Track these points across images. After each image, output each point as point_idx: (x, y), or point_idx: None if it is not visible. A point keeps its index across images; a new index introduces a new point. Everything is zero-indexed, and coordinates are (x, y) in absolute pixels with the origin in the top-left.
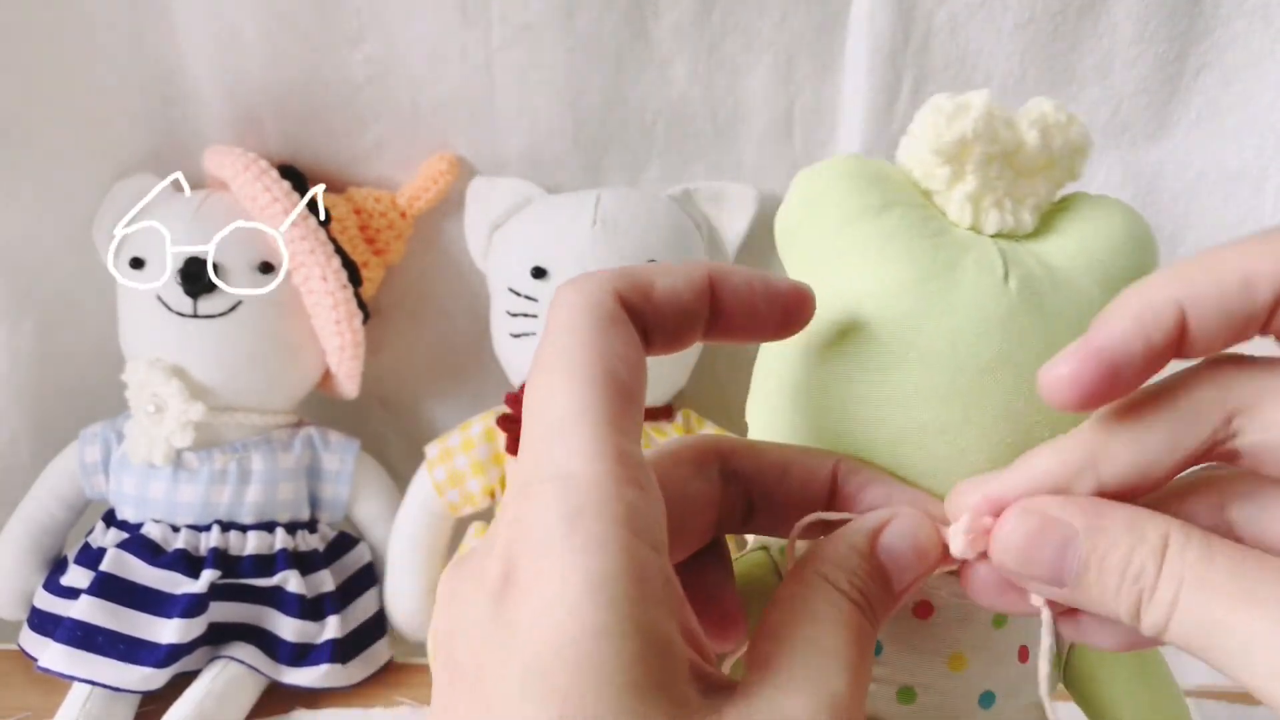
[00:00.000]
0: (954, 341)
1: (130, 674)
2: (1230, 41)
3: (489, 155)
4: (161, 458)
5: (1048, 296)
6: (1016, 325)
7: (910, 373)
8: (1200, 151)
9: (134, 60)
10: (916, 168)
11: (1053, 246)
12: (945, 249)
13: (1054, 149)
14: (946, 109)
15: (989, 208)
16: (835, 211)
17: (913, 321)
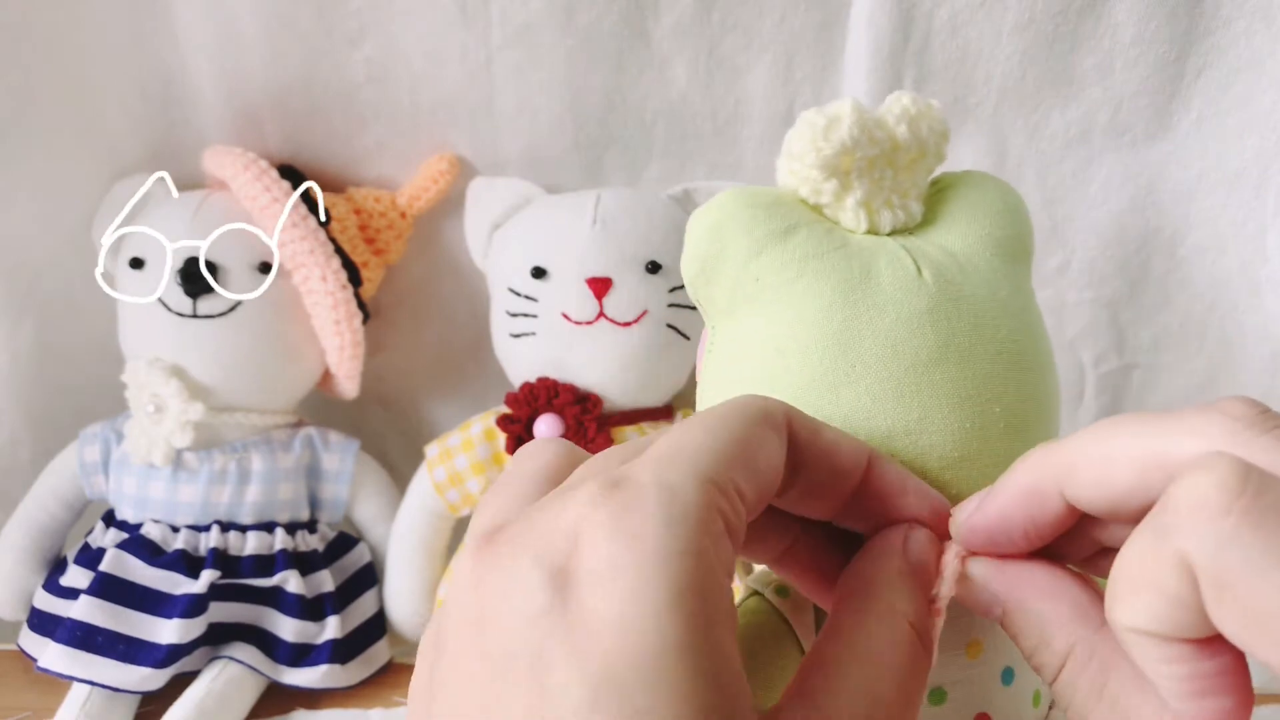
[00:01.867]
0: (892, 343)
1: (130, 674)
2: (1231, 42)
3: (489, 155)
4: (161, 458)
5: (959, 279)
6: (943, 314)
7: (859, 385)
8: (1201, 152)
9: (134, 60)
10: (802, 186)
11: (945, 231)
12: (856, 257)
13: (922, 138)
14: (820, 123)
15: (880, 209)
16: (744, 243)
17: (849, 334)
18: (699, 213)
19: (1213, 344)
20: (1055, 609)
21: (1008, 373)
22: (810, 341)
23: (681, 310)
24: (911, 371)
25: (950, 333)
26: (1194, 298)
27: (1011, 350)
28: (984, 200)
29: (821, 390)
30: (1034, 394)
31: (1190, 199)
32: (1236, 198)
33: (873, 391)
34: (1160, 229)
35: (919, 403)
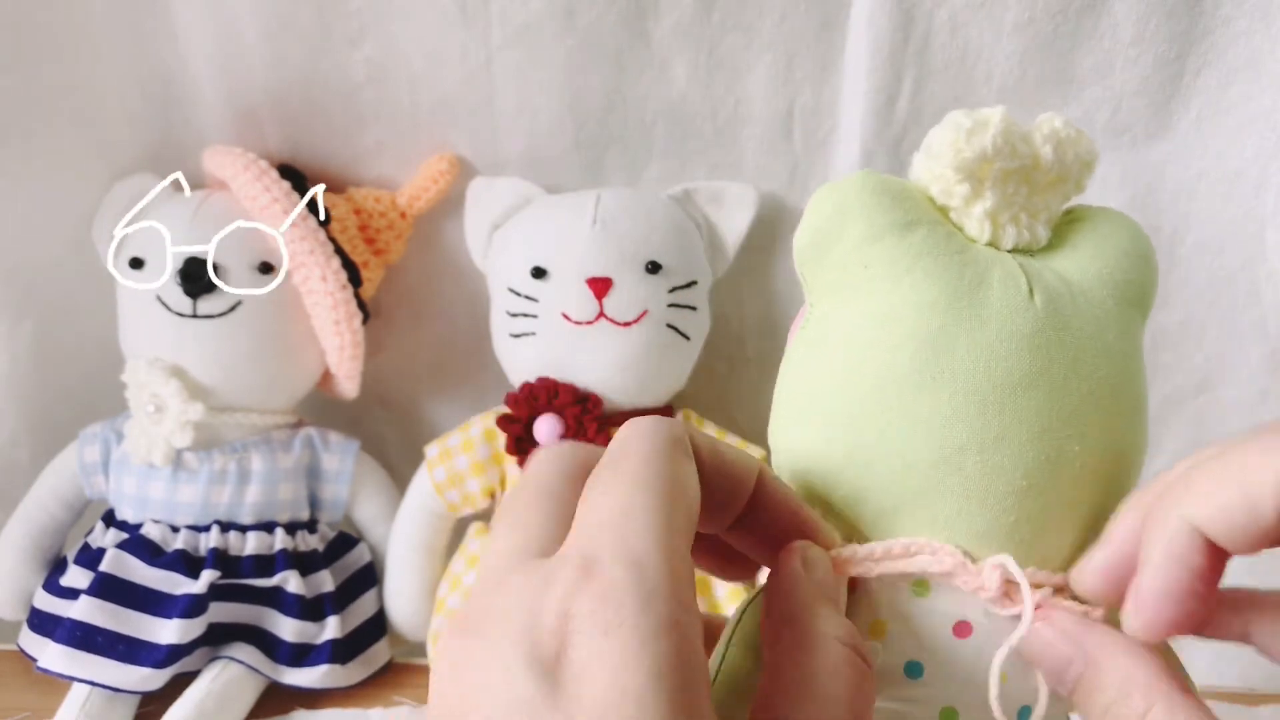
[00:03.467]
0: (987, 359)
1: (130, 674)
2: (1230, 41)
3: (489, 155)
4: (161, 458)
5: (1069, 310)
6: (1044, 340)
7: (944, 392)
8: (1200, 151)
9: (134, 61)
10: (934, 184)
11: (1067, 260)
12: (971, 266)
13: (1066, 163)
14: (966, 125)
15: (1006, 223)
16: (861, 227)
17: (945, 340)
18: (826, 187)
19: (1212, 342)
20: (1139, 667)
21: (1096, 415)
22: (903, 338)
23: (681, 310)
24: (999, 390)
25: (1048, 361)
26: (1194, 296)
27: (1105, 394)
28: (1113, 238)
29: (903, 390)
30: (1117, 443)
31: (1190, 198)
32: (1236, 197)
33: (955, 402)
34: (1160, 228)
35: (1000, 422)
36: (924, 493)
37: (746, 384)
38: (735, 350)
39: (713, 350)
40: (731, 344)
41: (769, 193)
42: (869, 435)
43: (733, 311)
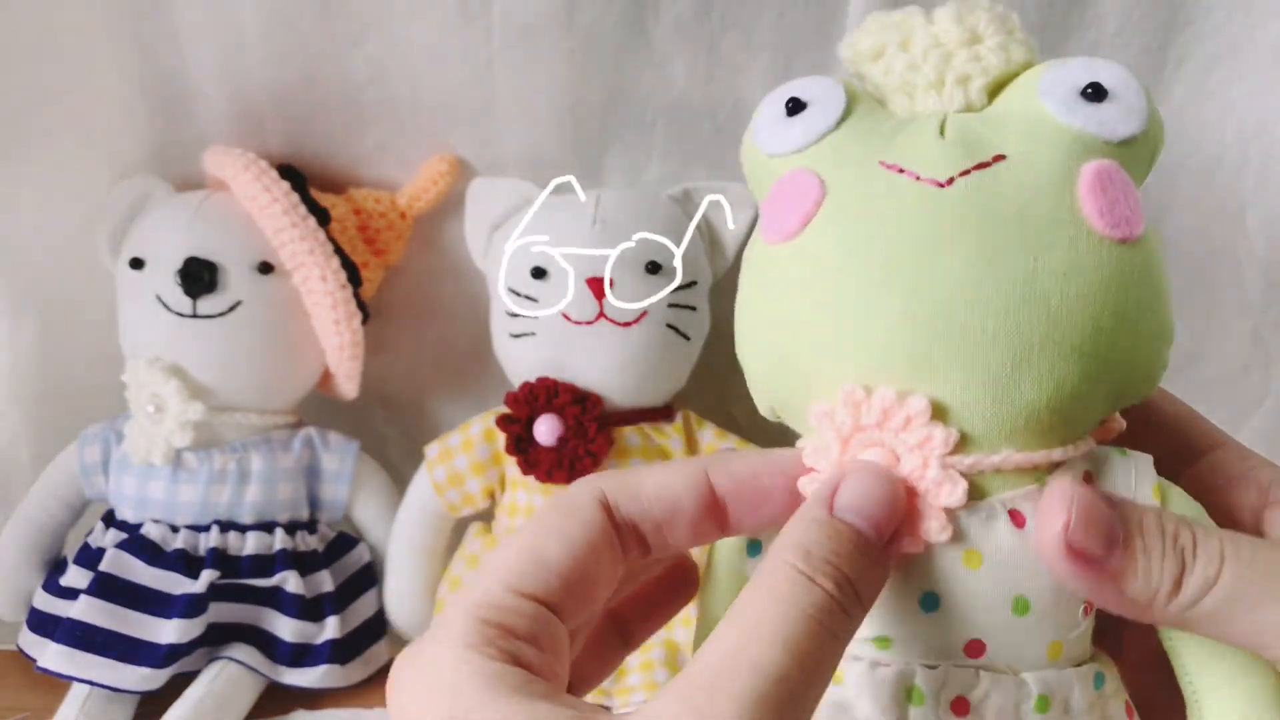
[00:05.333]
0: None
1: (129, 674)
2: (1211, 31)
3: (489, 155)
4: (161, 458)
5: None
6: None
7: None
8: (1182, 138)
9: (136, 61)
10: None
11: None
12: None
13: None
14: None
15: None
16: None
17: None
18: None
19: (1196, 321)
20: None
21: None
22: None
23: (681, 310)
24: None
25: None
26: (1177, 276)
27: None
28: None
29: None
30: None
31: (1173, 182)
32: (1217, 180)
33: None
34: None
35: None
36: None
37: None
38: (736, 350)
39: (713, 350)
40: (731, 344)
41: None
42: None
43: (733, 311)
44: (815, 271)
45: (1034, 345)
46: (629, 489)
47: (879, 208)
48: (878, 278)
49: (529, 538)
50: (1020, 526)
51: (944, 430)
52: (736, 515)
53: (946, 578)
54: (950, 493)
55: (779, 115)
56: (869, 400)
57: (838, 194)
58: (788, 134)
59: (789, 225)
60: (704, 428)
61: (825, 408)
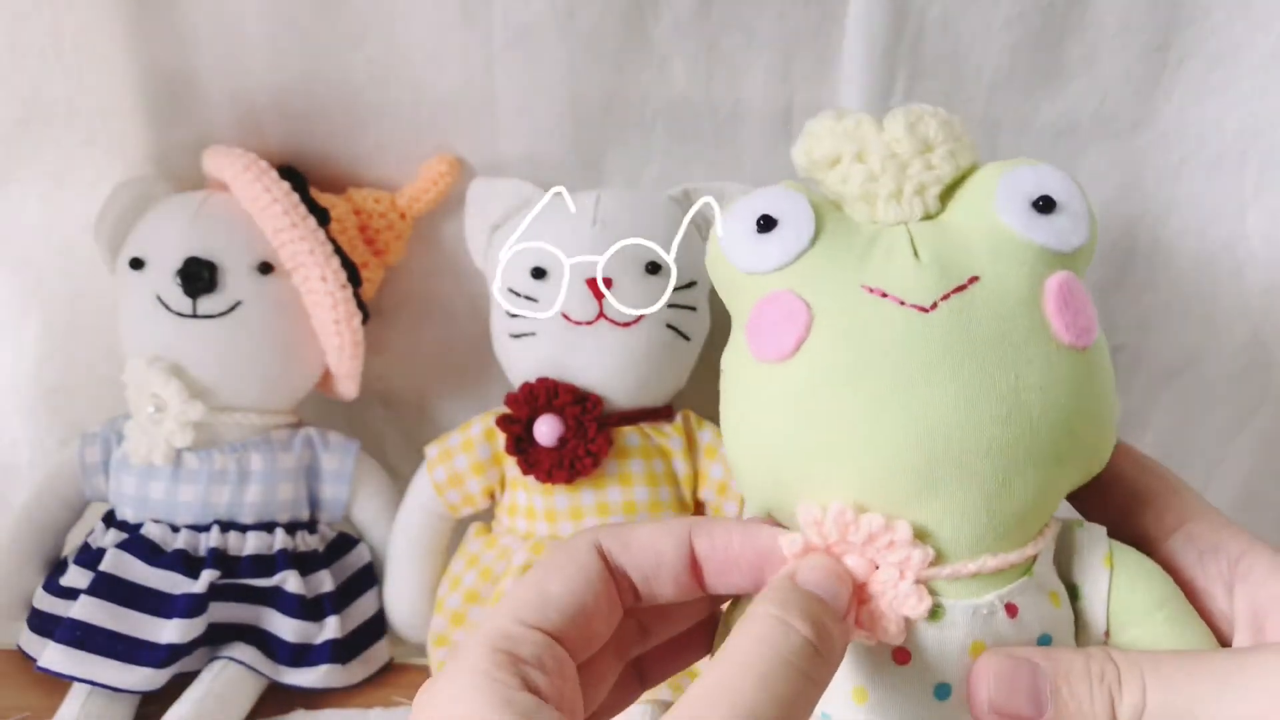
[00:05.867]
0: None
1: (130, 674)
2: (1211, 30)
3: (489, 156)
4: (161, 458)
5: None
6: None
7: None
8: (1182, 137)
9: (136, 60)
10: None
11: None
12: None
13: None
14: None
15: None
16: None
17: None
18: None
19: (1196, 322)
20: None
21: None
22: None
23: (681, 310)
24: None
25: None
26: (1178, 278)
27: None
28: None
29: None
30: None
31: (1173, 182)
32: (1217, 180)
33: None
34: (1145, 213)
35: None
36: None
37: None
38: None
39: (713, 350)
40: None
41: None
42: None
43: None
44: (811, 396)
45: (1021, 457)
46: (621, 539)
47: (869, 334)
48: (873, 405)
49: (534, 578)
50: (1015, 617)
51: (922, 551)
52: (711, 576)
53: (956, 667)
54: (914, 606)
55: (749, 231)
56: (856, 523)
57: (826, 319)
58: (764, 252)
59: (783, 347)
60: (704, 428)
61: (815, 516)
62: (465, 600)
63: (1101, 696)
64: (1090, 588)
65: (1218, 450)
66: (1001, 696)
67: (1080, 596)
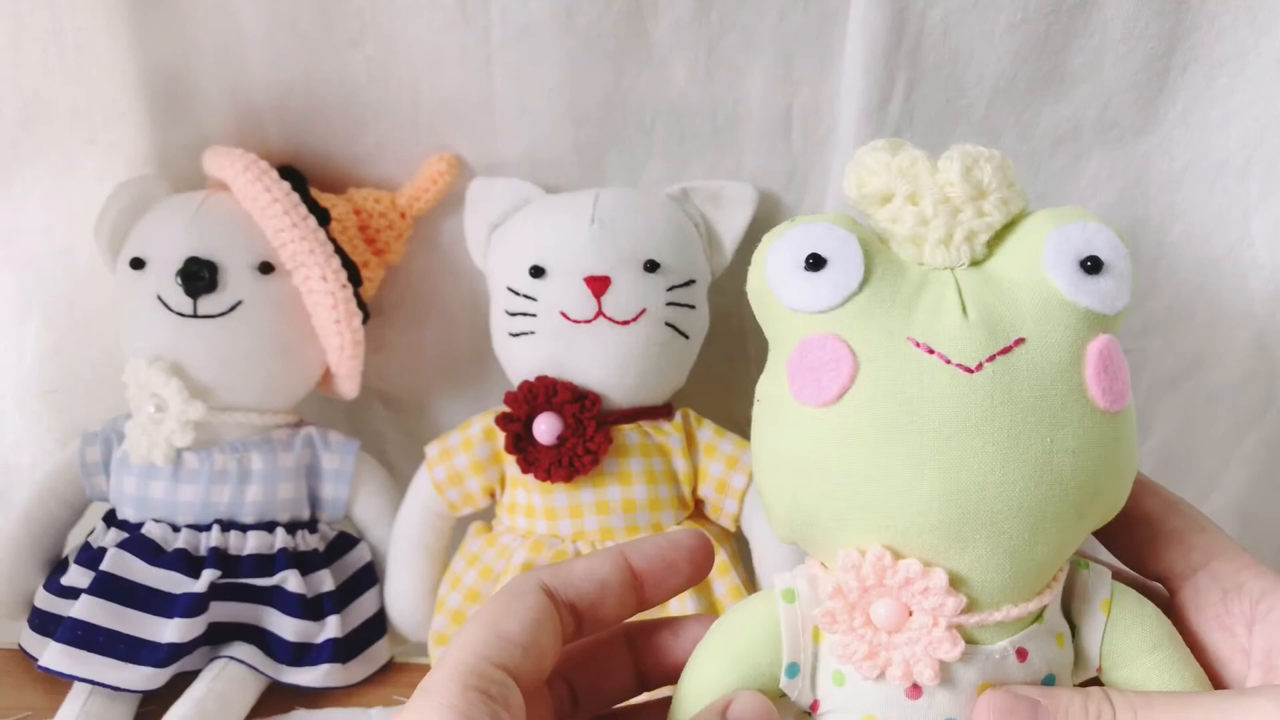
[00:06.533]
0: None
1: (130, 674)
2: (1216, 36)
3: (489, 155)
4: (162, 458)
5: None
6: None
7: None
8: (1186, 144)
9: (136, 60)
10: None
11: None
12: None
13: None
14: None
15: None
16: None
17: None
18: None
19: (1199, 327)
20: None
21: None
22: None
23: (680, 309)
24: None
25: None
26: (1181, 283)
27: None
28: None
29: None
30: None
31: (1176, 188)
32: (1221, 186)
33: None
34: (1148, 218)
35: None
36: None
37: (746, 383)
38: (735, 349)
39: (712, 349)
40: (731, 343)
41: (767, 192)
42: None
43: (732, 310)
44: (851, 446)
45: (1049, 516)
46: (563, 575)
47: (913, 390)
48: (914, 459)
49: (488, 619)
50: (1024, 660)
51: (956, 599)
52: (651, 587)
53: (965, 707)
54: (949, 651)
55: (797, 268)
56: (894, 567)
57: (872, 369)
58: (813, 293)
59: (827, 393)
60: (703, 426)
61: (854, 559)
62: (466, 599)
63: None
64: (1087, 629)
65: (1221, 456)
66: None
67: (1077, 634)
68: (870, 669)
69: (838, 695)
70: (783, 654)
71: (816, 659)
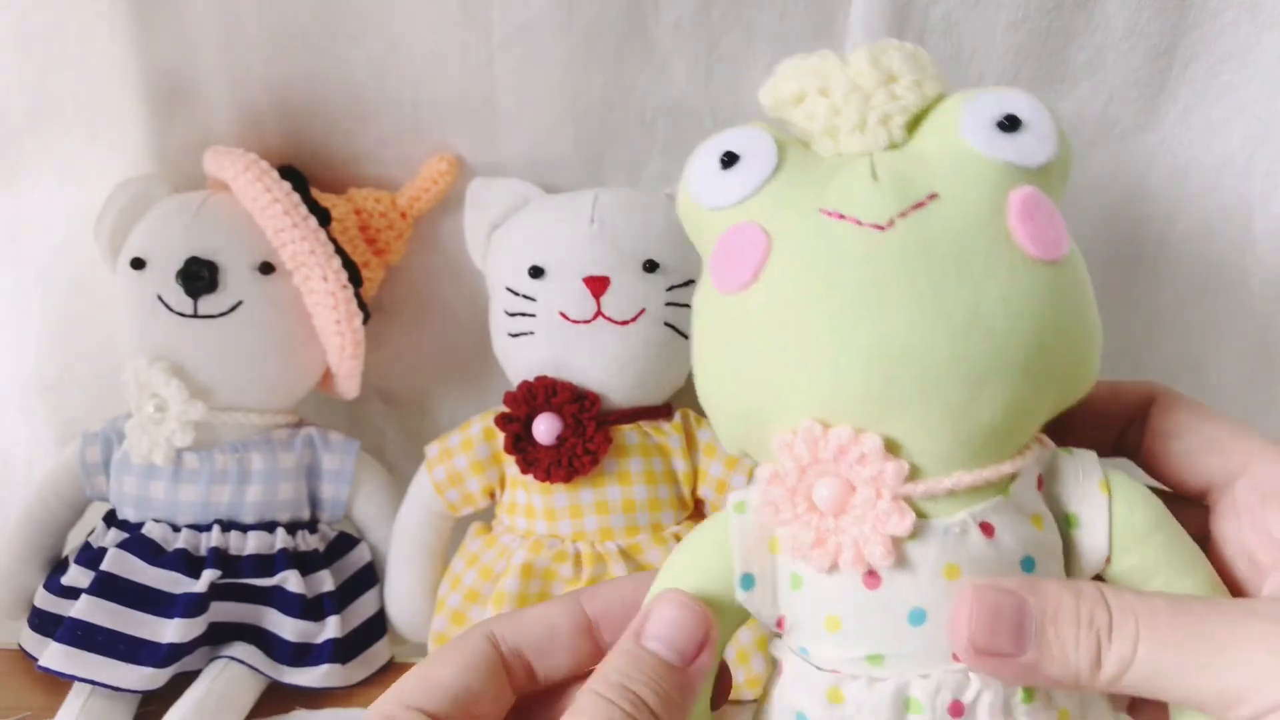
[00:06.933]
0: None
1: (130, 674)
2: (1219, 33)
3: (489, 155)
4: (162, 458)
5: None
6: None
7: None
8: (1188, 141)
9: (138, 59)
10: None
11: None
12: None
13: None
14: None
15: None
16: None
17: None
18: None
19: (1202, 327)
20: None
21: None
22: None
23: (679, 309)
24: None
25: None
26: (1183, 282)
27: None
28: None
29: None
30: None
31: (1179, 186)
32: (1223, 184)
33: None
34: (1150, 217)
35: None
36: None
37: None
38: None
39: None
40: None
41: None
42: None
43: None
44: (772, 319)
45: (986, 371)
46: (513, 621)
47: (827, 255)
48: (833, 324)
49: (423, 666)
50: (991, 537)
51: (896, 464)
52: (610, 633)
53: (930, 591)
54: (898, 523)
55: (714, 169)
56: (825, 437)
57: (784, 244)
58: (726, 187)
59: (742, 276)
60: (702, 426)
61: (786, 439)
62: (465, 599)
63: (1088, 642)
64: (1089, 514)
65: None
66: (983, 635)
67: (1078, 524)
68: (822, 558)
69: (798, 602)
70: (735, 566)
71: (775, 571)
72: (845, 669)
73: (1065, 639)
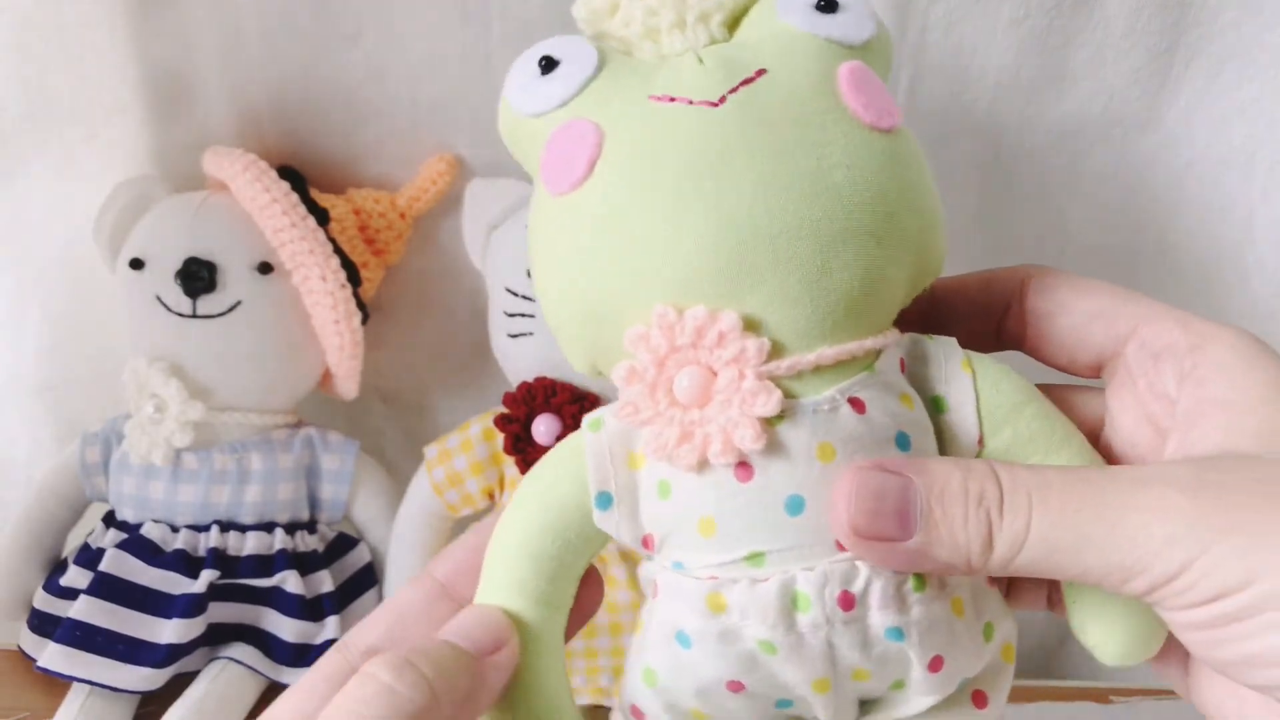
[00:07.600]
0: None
1: (129, 674)
2: (1219, 32)
3: (488, 155)
4: (161, 458)
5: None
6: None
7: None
8: (1189, 140)
9: (138, 58)
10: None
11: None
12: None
13: None
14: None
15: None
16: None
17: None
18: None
19: None
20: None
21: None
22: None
23: None
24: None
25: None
26: (1183, 282)
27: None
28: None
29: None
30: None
31: (1179, 186)
32: (1224, 184)
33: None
34: (1151, 216)
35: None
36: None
37: None
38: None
39: None
40: None
41: None
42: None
43: None
44: (612, 210)
45: (836, 236)
46: (362, 624)
47: (660, 137)
48: (674, 203)
49: (288, 699)
50: (863, 413)
51: (756, 341)
52: (466, 588)
53: (806, 476)
54: (765, 403)
55: (533, 75)
56: (681, 321)
57: (616, 132)
58: (548, 92)
59: (576, 173)
60: None
61: (640, 331)
62: None
63: (978, 521)
64: (956, 395)
65: None
66: (866, 519)
67: (946, 408)
68: (689, 454)
69: (668, 510)
70: (590, 485)
71: (636, 487)
72: (724, 574)
73: (954, 519)
